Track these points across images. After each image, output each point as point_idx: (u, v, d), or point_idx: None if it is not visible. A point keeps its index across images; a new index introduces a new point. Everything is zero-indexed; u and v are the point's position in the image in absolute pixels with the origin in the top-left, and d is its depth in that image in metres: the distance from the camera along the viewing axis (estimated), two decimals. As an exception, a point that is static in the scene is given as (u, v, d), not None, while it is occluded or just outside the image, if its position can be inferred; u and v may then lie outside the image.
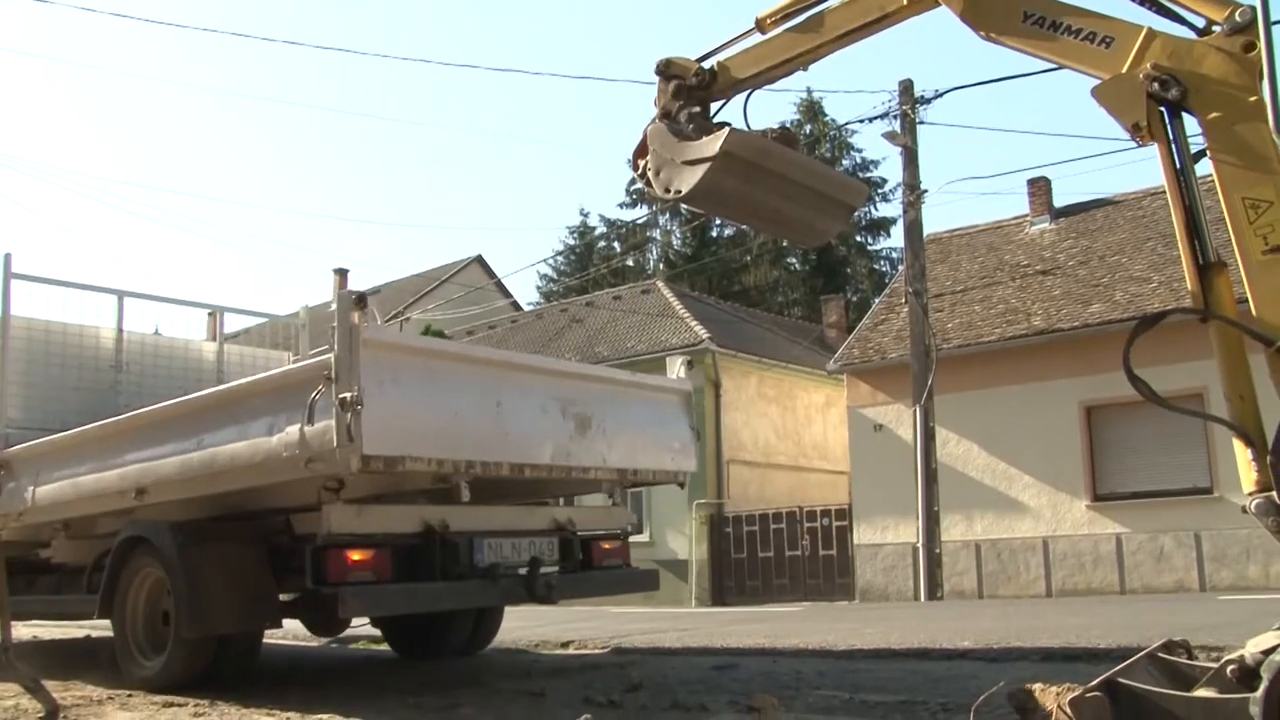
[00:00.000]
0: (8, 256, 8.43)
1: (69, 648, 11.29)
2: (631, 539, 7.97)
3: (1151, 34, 3.81)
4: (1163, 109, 3.78)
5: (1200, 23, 3.84)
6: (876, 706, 5.24)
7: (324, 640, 10.10)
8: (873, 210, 46.79)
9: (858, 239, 47.74)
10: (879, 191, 45.48)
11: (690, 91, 5.16)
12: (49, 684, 6.23)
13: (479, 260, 38.70)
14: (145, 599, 6.87)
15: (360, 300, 5.58)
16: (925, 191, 19.08)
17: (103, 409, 8.46)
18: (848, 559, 21.48)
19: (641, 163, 5.24)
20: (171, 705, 6.10)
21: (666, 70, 5.24)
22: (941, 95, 18.88)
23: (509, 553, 6.59)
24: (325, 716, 5.42)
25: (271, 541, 6.51)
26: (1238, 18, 3.66)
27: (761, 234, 29.71)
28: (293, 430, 5.68)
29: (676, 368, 8.00)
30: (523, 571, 6.61)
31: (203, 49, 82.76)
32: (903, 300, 20.07)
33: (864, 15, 4.65)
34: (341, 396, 5.37)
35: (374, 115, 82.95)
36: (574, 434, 6.74)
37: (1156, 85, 3.73)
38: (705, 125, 5.11)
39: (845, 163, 45.79)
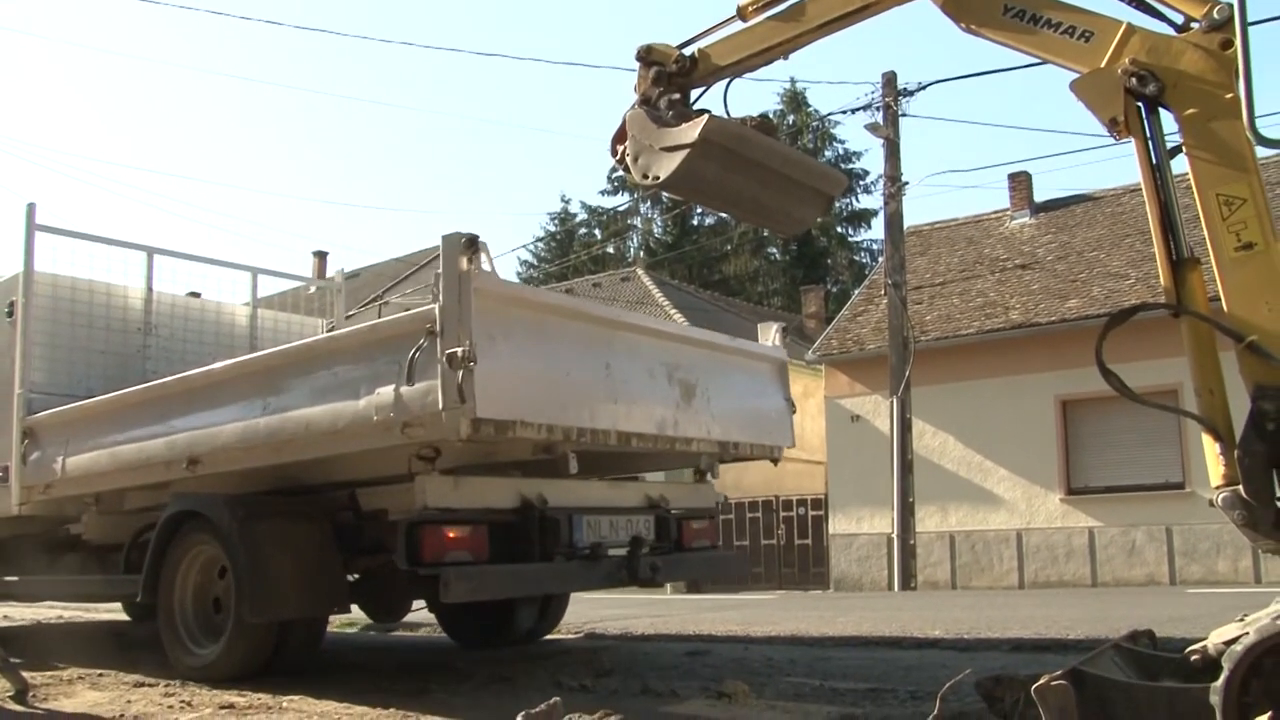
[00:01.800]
0: (31, 206, 7.91)
1: (45, 629, 11.24)
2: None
3: (1130, 29, 3.82)
4: (1140, 104, 3.80)
5: (1179, 19, 3.86)
6: (846, 693, 5.27)
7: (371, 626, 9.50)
8: (854, 202, 46.98)
9: (838, 230, 47.86)
10: (860, 183, 45.63)
11: (670, 78, 5.14)
12: (17, 663, 6.22)
13: (460, 245, 38.53)
14: (195, 580, 6.39)
15: (471, 243, 5.01)
16: (906, 184, 19.14)
17: (130, 374, 8.06)
18: (823, 549, 21.58)
19: (620, 148, 5.20)
20: (143, 685, 6.10)
21: (647, 56, 5.21)
22: (924, 88, 18.90)
23: (607, 531, 6.18)
24: (295, 698, 5.40)
25: (335, 518, 6.05)
26: (1216, 15, 3.67)
27: (741, 222, 29.71)
28: (386, 391, 5.13)
29: (771, 334, 7.43)
30: (622, 552, 6.19)
31: (183, 27, 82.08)
32: (882, 292, 20.12)
33: (845, 5, 4.63)
34: (450, 352, 4.84)
35: (357, 98, 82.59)
36: (680, 402, 6.26)
37: (1134, 80, 3.74)
38: (685, 112, 5.09)
39: (828, 154, 45.88)
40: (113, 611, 12.08)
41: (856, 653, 7.18)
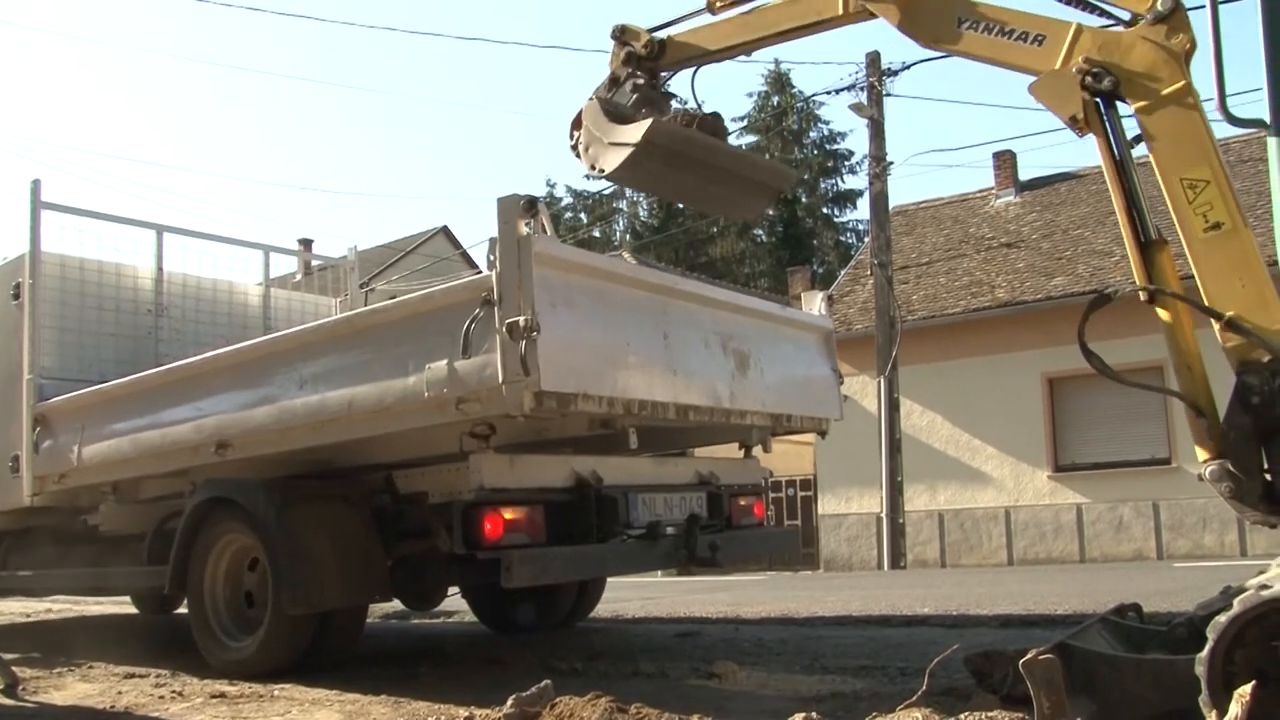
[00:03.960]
0: (36, 183, 7.50)
1: (34, 625, 11.23)
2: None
3: (1080, 29, 3.98)
4: (1098, 99, 3.90)
5: (1127, 15, 3.98)
6: (836, 671, 5.31)
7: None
8: (839, 182, 47.02)
9: (824, 211, 47.86)
10: (845, 164, 45.69)
11: (640, 61, 5.34)
12: (9, 658, 6.23)
13: (445, 231, 38.48)
14: (226, 570, 6.14)
15: (529, 205, 4.68)
16: (891, 164, 19.17)
17: (142, 357, 7.78)
18: (812, 529, 21.65)
19: (577, 134, 5.39)
20: (133, 676, 6.11)
21: (621, 35, 5.45)
22: (908, 68, 18.91)
23: (662, 509, 5.94)
24: (286, 685, 5.41)
25: (371, 502, 5.83)
26: (1160, 7, 3.79)
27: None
28: (439, 366, 4.85)
29: (817, 303, 7.26)
30: (674, 531, 5.98)
31: (161, 13, 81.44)
32: (868, 272, 20.16)
33: (801, 17, 4.88)
34: (510, 322, 4.56)
35: (339, 84, 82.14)
36: (735, 373, 5.99)
37: (1090, 78, 3.86)
38: (649, 96, 5.32)
39: (813, 134, 45.91)
40: (104, 605, 12.07)
41: (846, 631, 7.22)
